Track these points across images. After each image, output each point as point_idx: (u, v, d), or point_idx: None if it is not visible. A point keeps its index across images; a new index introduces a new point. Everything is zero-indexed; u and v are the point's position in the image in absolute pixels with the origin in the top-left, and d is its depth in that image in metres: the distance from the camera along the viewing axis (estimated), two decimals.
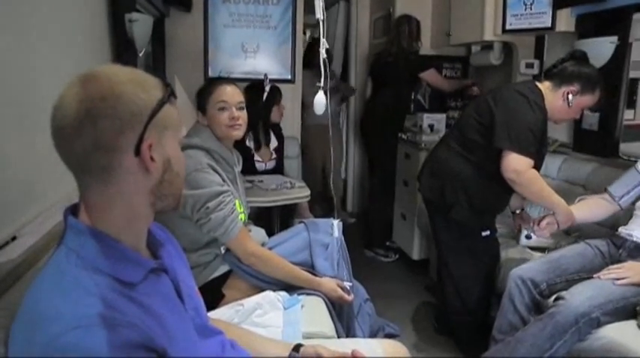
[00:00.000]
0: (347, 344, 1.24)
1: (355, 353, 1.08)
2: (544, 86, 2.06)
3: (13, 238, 1.11)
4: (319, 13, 1.75)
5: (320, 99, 1.78)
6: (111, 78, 0.76)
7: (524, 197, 2.18)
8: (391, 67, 3.45)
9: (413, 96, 3.73)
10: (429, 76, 3.45)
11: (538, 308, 1.90)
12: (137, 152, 0.76)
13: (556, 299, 1.75)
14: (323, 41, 1.67)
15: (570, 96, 2.00)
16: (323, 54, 1.69)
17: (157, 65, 2.88)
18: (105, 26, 1.83)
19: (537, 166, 2.11)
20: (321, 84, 1.76)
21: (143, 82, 0.79)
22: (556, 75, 2.05)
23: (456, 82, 3.70)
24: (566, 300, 1.67)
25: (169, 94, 0.81)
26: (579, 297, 1.66)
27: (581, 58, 2.06)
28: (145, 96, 0.77)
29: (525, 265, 2.00)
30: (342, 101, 4.18)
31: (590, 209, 2.03)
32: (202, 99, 1.78)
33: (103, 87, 0.75)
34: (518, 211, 2.29)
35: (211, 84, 1.82)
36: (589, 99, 2.02)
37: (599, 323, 1.63)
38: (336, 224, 1.88)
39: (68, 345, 0.65)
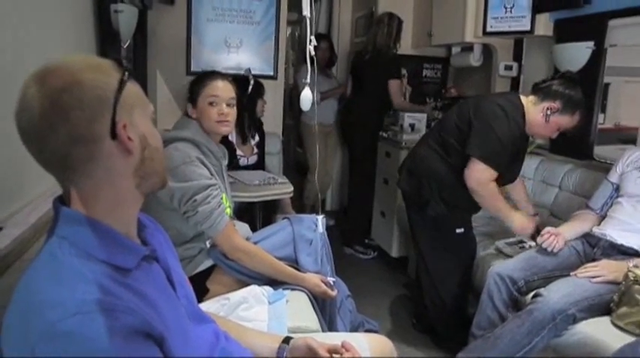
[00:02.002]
0: (333, 338, 1.25)
1: (345, 345, 1.10)
2: (527, 99, 2.12)
3: (0, 229, 1.09)
4: (306, 10, 1.76)
5: (306, 95, 1.78)
6: (67, 68, 0.75)
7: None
8: (369, 66, 3.45)
9: None
10: (392, 85, 3.43)
11: (516, 304, 1.96)
12: (113, 135, 0.76)
13: (534, 296, 1.80)
14: (311, 38, 1.67)
15: (549, 111, 2.06)
16: (311, 50, 1.70)
17: (138, 58, 2.82)
18: (90, 16, 1.80)
19: (511, 178, 2.25)
20: (308, 80, 1.77)
21: (99, 66, 0.78)
22: (541, 90, 2.11)
23: (413, 106, 3.55)
24: (544, 297, 1.73)
25: (127, 73, 0.80)
26: (556, 294, 1.72)
27: (571, 79, 2.11)
28: (106, 79, 0.76)
29: (504, 263, 2.06)
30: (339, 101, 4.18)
31: (578, 225, 2.09)
32: (194, 91, 1.76)
33: (63, 78, 0.73)
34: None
35: (205, 77, 1.79)
36: (567, 119, 2.08)
37: (575, 320, 1.69)
38: (320, 219, 1.89)
39: (68, 332, 0.65)
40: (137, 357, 0.69)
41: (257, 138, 2.97)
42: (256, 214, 2.57)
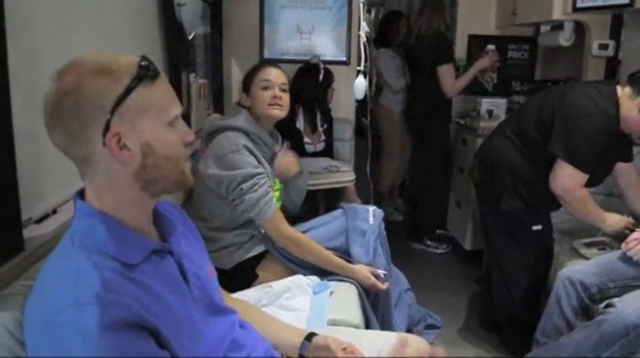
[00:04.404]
0: (367, 335, 1.23)
1: (353, 350, 1.08)
2: (623, 92, 1.86)
3: (54, 211, 1.19)
4: None
5: (359, 83, 1.75)
6: (80, 70, 0.77)
7: None
8: (421, 48, 3.20)
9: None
10: (443, 72, 3.13)
11: (587, 313, 1.78)
12: (104, 143, 0.77)
13: (606, 306, 1.63)
14: (363, 25, 1.63)
15: None
16: (363, 37, 1.65)
17: (213, 48, 2.93)
18: (154, 10, 1.88)
19: (595, 182, 2.00)
20: (362, 67, 1.73)
21: (113, 70, 0.78)
22: (637, 81, 1.84)
23: (465, 78, 3.24)
24: (617, 308, 1.55)
25: (145, 74, 0.79)
26: (632, 306, 1.53)
27: None
28: (111, 86, 0.77)
29: (576, 266, 1.87)
30: None
31: None
32: (248, 80, 1.84)
33: (70, 81, 0.76)
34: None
35: (257, 65, 1.88)
36: None
37: None
38: (372, 211, 1.85)
39: (62, 322, 0.69)
40: (128, 349, 0.72)
41: (326, 124, 2.96)
42: (318, 202, 2.57)
